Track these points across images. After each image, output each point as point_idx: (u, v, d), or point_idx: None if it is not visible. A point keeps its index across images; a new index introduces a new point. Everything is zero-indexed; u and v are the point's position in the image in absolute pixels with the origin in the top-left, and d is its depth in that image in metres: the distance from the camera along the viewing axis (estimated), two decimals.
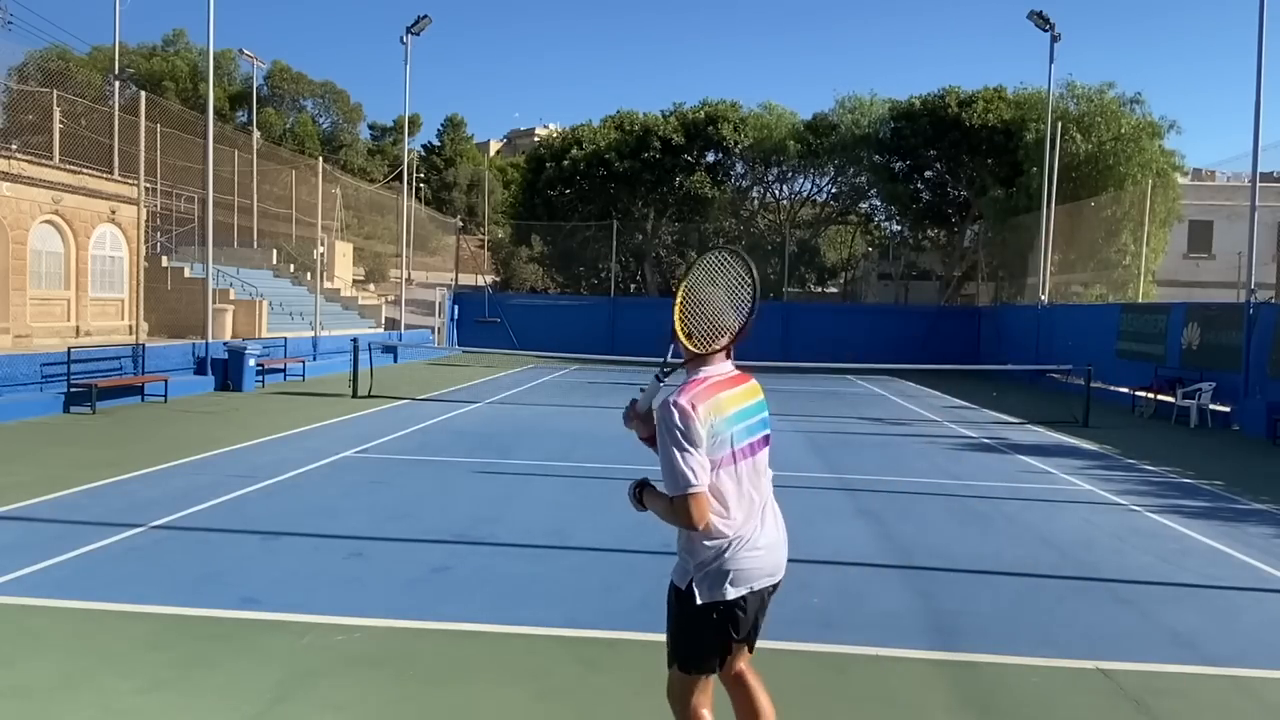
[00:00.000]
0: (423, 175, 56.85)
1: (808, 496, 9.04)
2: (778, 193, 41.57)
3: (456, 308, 32.82)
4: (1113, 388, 20.46)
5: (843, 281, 42.72)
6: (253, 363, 18.13)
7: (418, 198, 47.59)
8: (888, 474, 10.54)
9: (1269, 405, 14.80)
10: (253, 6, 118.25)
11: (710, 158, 38.66)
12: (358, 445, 11.41)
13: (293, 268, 32.38)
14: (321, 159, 33.05)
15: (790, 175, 39.96)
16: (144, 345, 17.00)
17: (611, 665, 4.68)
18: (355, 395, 16.87)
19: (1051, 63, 25.23)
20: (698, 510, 2.77)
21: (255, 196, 32.92)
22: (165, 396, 15.67)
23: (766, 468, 3.05)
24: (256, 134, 36.77)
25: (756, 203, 41.96)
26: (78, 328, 21.26)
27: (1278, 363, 15.31)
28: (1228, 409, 16.36)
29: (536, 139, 63.40)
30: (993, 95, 33.16)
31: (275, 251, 32.59)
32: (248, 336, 21.75)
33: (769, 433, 3.06)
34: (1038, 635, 5.29)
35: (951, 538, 7.58)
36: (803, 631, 5.19)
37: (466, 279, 40.12)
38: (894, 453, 12.39)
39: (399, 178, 36.52)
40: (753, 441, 2.96)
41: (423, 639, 4.96)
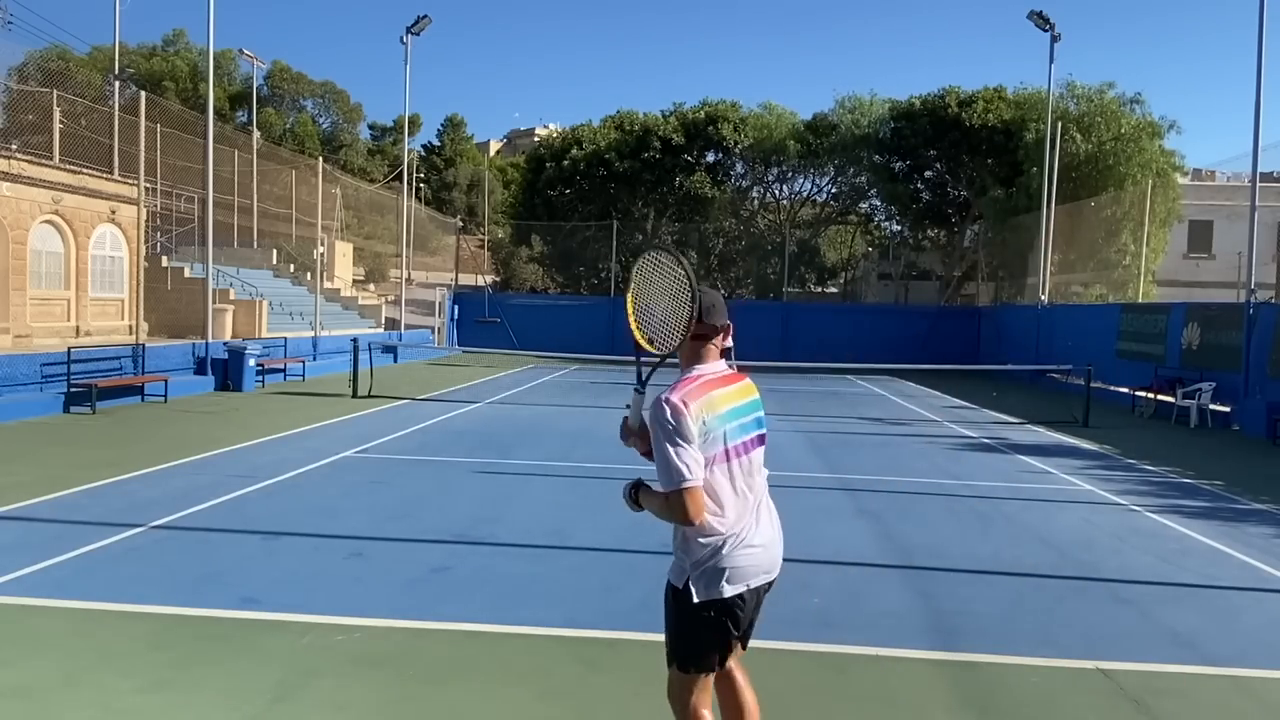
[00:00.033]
0: (423, 175, 56.86)
1: (808, 496, 9.04)
2: (778, 193, 41.62)
3: (456, 308, 32.81)
4: (1113, 388, 20.46)
5: (843, 281, 42.72)
6: (253, 363, 18.13)
7: (418, 198, 47.60)
8: (888, 474, 10.54)
9: (1269, 405, 14.80)
10: (253, 6, 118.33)
11: (710, 158, 38.67)
12: (358, 445, 11.41)
13: (293, 268, 32.38)
14: (321, 159, 33.07)
15: (790, 175, 39.98)
16: (144, 345, 17.00)
17: (611, 665, 4.68)
18: (355, 395, 16.87)
19: (1051, 63, 25.25)
20: (693, 505, 2.78)
21: (255, 196, 32.92)
22: (165, 396, 15.67)
23: (761, 466, 3.05)
24: (256, 134, 36.77)
25: (756, 203, 41.97)
26: (78, 328, 21.27)
27: (1278, 363, 15.32)
28: (1228, 409, 16.36)
29: (536, 139, 63.41)
30: (993, 95, 33.17)
31: (275, 251, 32.60)
32: (248, 336, 21.75)
33: (764, 432, 3.06)
34: (1037, 635, 5.29)
35: (951, 538, 7.58)
36: (803, 631, 5.20)
37: (466, 279, 40.12)
38: (894, 453, 12.39)
39: (399, 178, 36.53)
40: (746, 440, 2.96)
41: (423, 639, 4.96)
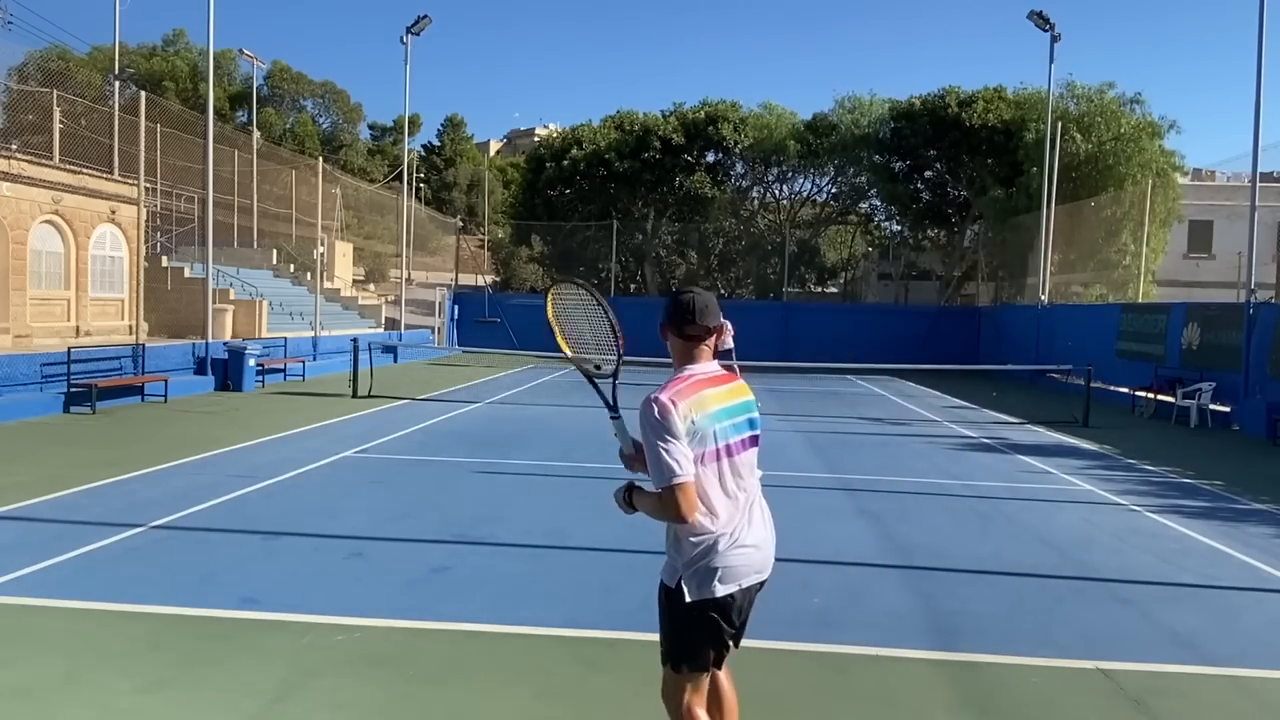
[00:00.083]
0: (423, 175, 56.85)
1: (808, 496, 9.04)
2: (778, 193, 41.60)
3: (456, 308, 32.82)
4: (1113, 388, 20.46)
5: (843, 281, 42.71)
6: (253, 363, 18.13)
7: (418, 198, 47.59)
8: (888, 474, 10.54)
9: (1269, 405, 14.80)
10: (253, 6, 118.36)
11: (710, 158, 38.64)
12: (358, 445, 11.41)
13: (293, 268, 32.38)
14: (321, 159, 33.08)
15: (790, 175, 39.96)
16: (144, 345, 17.00)
17: (611, 665, 4.68)
18: (355, 395, 16.87)
19: (1051, 63, 25.25)
20: (686, 501, 2.78)
21: (255, 196, 32.92)
22: (165, 396, 15.67)
23: (754, 467, 3.05)
24: (256, 134, 36.77)
25: (756, 203, 41.96)
26: (78, 328, 21.27)
27: (1278, 363, 15.31)
28: (1228, 409, 16.36)
29: (536, 139, 63.38)
30: (993, 95, 33.16)
31: (275, 251, 32.59)
32: (248, 336, 21.75)
33: (757, 433, 3.06)
34: (1038, 635, 5.29)
35: (951, 538, 7.58)
36: (803, 631, 5.20)
37: (466, 279, 40.12)
38: (894, 453, 12.39)
39: (399, 178, 36.54)
40: (739, 439, 2.97)
41: (423, 639, 4.97)
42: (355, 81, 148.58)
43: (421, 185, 54.82)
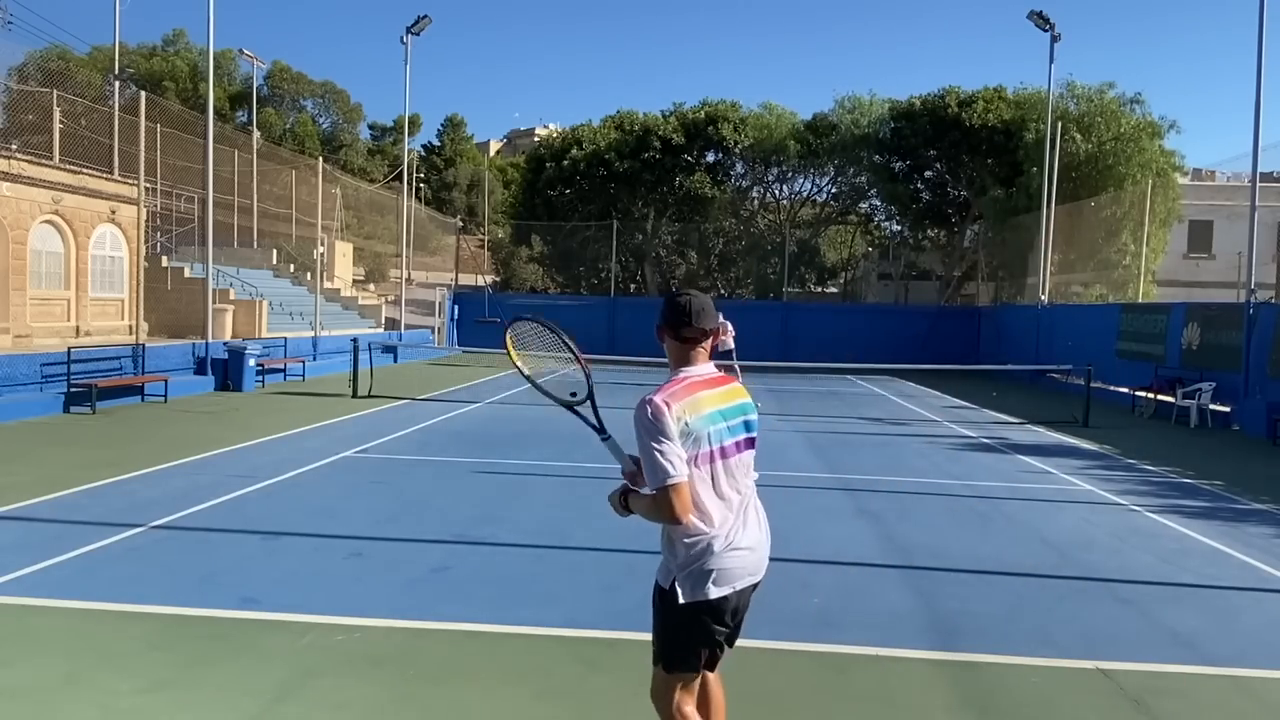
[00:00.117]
0: (423, 175, 56.85)
1: (808, 496, 9.04)
2: (778, 193, 41.61)
3: (456, 308, 32.81)
4: (1113, 388, 20.46)
5: (843, 281, 42.72)
6: (253, 363, 18.12)
7: (418, 198, 47.59)
8: (888, 474, 10.54)
9: (1269, 405, 14.80)
10: (253, 6, 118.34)
11: (710, 158, 38.65)
12: (358, 445, 11.41)
13: (293, 268, 32.38)
14: (321, 159, 33.05)
15: (790, 175, 39.96)
16: (144, 345, 17.00)
17: (611, 665, 4.68)
18: (355, 395, 16.87)
19: (1051, 63, 25.24)
20: (680, 502, 2.79)
21: (255, 196, 32.92)
22: (165, 396, 15.67)
23: (750, 469, 3.05)
24: (256, 134, 36.76)
25: (756, 203, 41.96)
26: (78, 328, 21.27)
27: (1278, 363, 15.31)
28: (1228, 409, 16.36)
29: (536, 139, 63.39)
30: (993, 95, 33.16)
31: (275, 251, 32.59)
32: (248, 336, 21.75)
33: (753, 435, 3.05)
34: (1038, 635, 5.29)
35: (951, 538, 7.58)
36: (803, 631, 5.20)
37: (466, 279, 40.13)
38: (894, 453, 12.39)
39: (399, 178, 36.53)
40: (735, 442, 2.96)
41: (423, 639, 4.97)
42: (355, 81, 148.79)
43: (421, 185, 54.82)
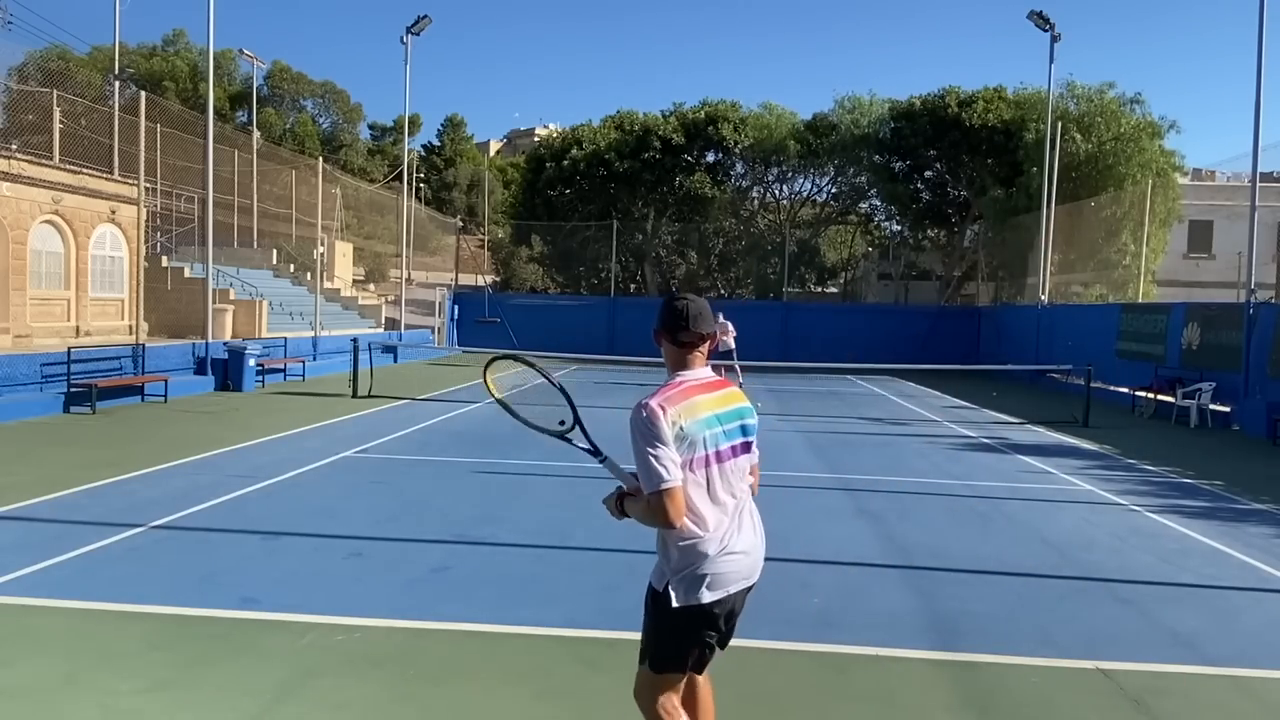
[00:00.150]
0: (423, 175, 56.84)
1: (808, 496, 9.04)
2: (778, 193, 41.63)
3: (456, 308, 32.80)
4: (1113, 388, 20.46)
5: (843, 281, 42.72)
6: (253, 363, 18.12)
7: (418, 198, 47.58)
8: (888, 474, 10.54)
9: (1269, 405, 14.80)
10: (253, 6, 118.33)
11: (710, 158, 38.66)
12: (358, 445, 11.41)
13: (293, 268, 32.38)
14: (321, 159, 33.04)
15: (790, 175, 39.98)
16: (144, 345, 17.00)
17: (611, 665, 4.67)
18: (355, 395, 16.87)
19: (1051, 63, 25.23)
20: (673, 506, 2.79)
21: (255, 196, 32.91)
22: (165, 396, 15.67)
23: (745, 473, 3.04)
24: (256, 134, 36.76)
25: (756, 203, 41.97)
26: (78, 328, 21.26)
27: (1278, 363, 15.31)
28: (1228, 409, 16.36)
29: (536, 139, 63.39)
30: (993, 95, 33.16)
31: (275, 251, 32.59)
32: (248, 336, 21.75)
33: (749, 440, 3.04)
34: (1038, 635, 5.29)
35: (951, 538, 7.58)
36: (803, 631, 5.20)
37: (466, 279, 40.11)
38: (894, 453, 12.39)
39: (399, 178, 36.53)
40: (730, 446, 2.96)
41: (423, 639, 4.97)
42: (355, 81, 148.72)
43: (421, 185, 54.82)
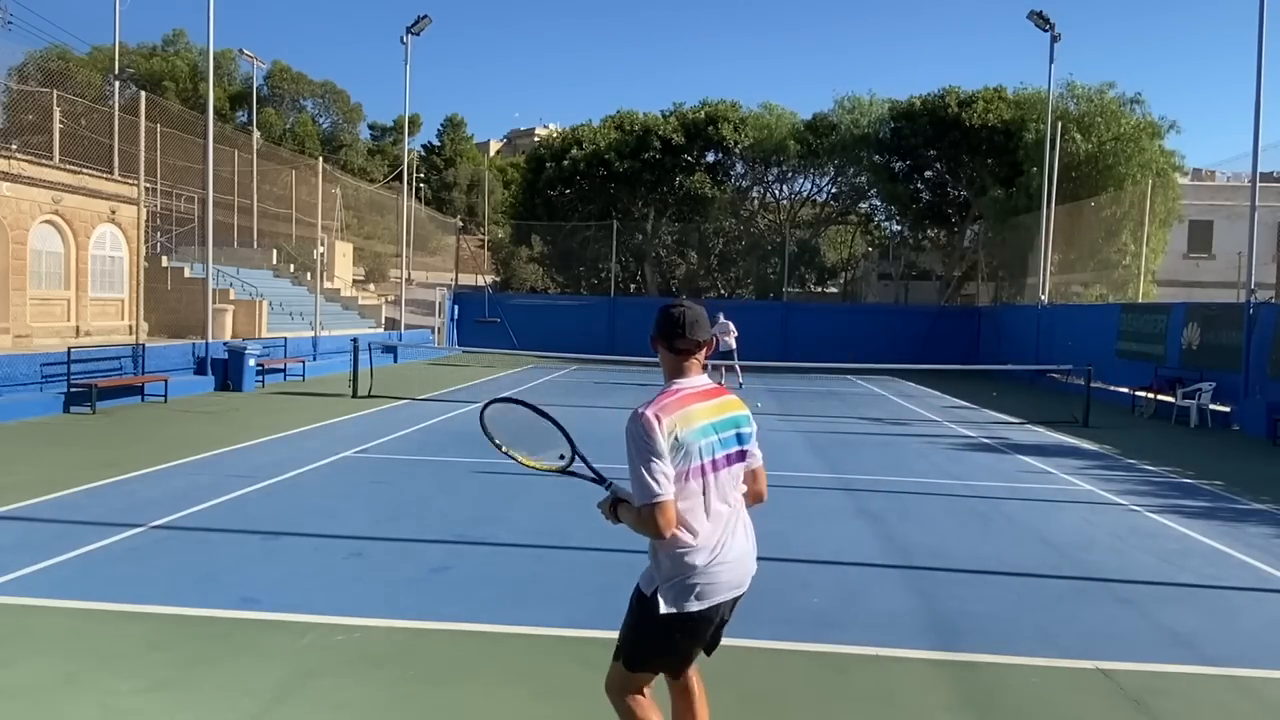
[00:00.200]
0: (423, 175, 56.82)
1: (808, 496, 9.04)
2: (778, 193, 41.63)
3: (456, 308, 32.81)
4: (1113, 388, 20.46)
5: (843, 281, 42.72)
6: (253, 363, 18.12)
7: (418, 198, 47.56)
8: (888, 474, 10.53)
9: (1269, 405, 14.80)
10: (253, 6, 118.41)
11: (710, 158, 38.67)
12: (358, 445, 11.41)
13: (293, 268, 32.37)
14: (321, 159, 33.03)
15: (790, 175, 39.98)
16: (144, 345, 17.00)
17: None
18: (355, 395, 16.87)
19: (1051, 63, 25.23)
20: (664, 519, 2.79)
21: (255, 196, 32.91)
22: (165, 396, 15.67)
23: (740, 482, 3.04)
24: (256, 134, 36.75)
25: (756, 203, 41.97)
26: (78, 328, 21.26)
27: (1278, 363, 15.31)
28: (1228, 409, 16.36)
29: (536, 139, 63.39)
30: (993, 95, 33.16)
31: (275, 251, 32.58)
32: (248, 336, 21.75)
33: (745, 448, 3.03)
34: (1038, 635, 5.29)
35: (951, 538, 7.58)
36: (803, 631, 5.20)
37: (466, 279, 40.12)
38: (894, 453, 12.39)
39: (399, 178, 36.51)
40: (725, 455, 2.95)
41: (423, 639, 4.97)
42: (355, 81, 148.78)
43: (421, 185, 54.79)
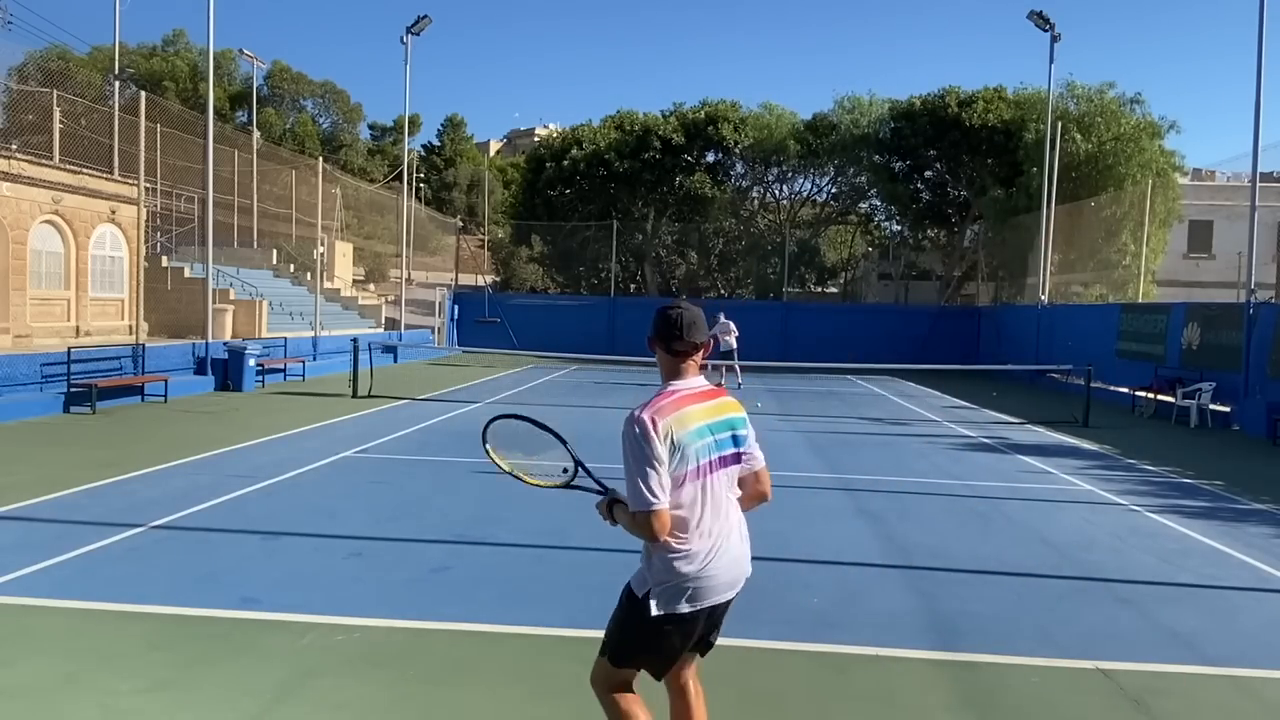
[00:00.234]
0: (423, 175, 56.80)
1: (808, 496, 9.04)
2: (778, 193, 41.64)
3: (456, 308, 32.81)
4: (1113, 388, 20.45)
5: (843, 281, 42.72)
6: (253, 363, 18.12)
7: (418, 198, 47.55)
8: (888, 474, 10.54)
9: (1269, 405, 14.80)
10: (253, 6, 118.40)
11: (710, 158, 38.67)
12: (358, 445, 11.41)
13: (293, 268, 32.37)
14: (321, 159, 33.03)
15: (790, 175, 39.99)
16: (144, 345, 17.00)
17: None
18: (355, 395, 16.87)
19: (1051, 63, 25.23)
20: (658, 524, 2.81)
21: (255, 196, 32.90)
22: (165, 396, 15.67)
23: (734, 484, 3.04)
24: (256, 134, 36.74)
25: (756, 203, 41.97)
26: (78, 328, 21.26)
27: (1278, 363, 15.31)
28: (1228, 409, 16.36)
29: (536, 139, 63.39)
30: (993, 95, 33.16)
31: (275, 251, 32.58)
32: (248, 336, 21.74)
33: (740, 450, 3.03)
34: (1038, 635, 5.29)
35: (951, 538, 7.58)
36: (803, 631, 5.20)
37: (466, 279, 40.12)
38: (894, 453, 12.39)
39: (399, 178, 36.51)
40: (720, 456, 2.96)
41: (423, 639, 4.97)
42: (355, 81, 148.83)
43: (421, 185, 54.78)
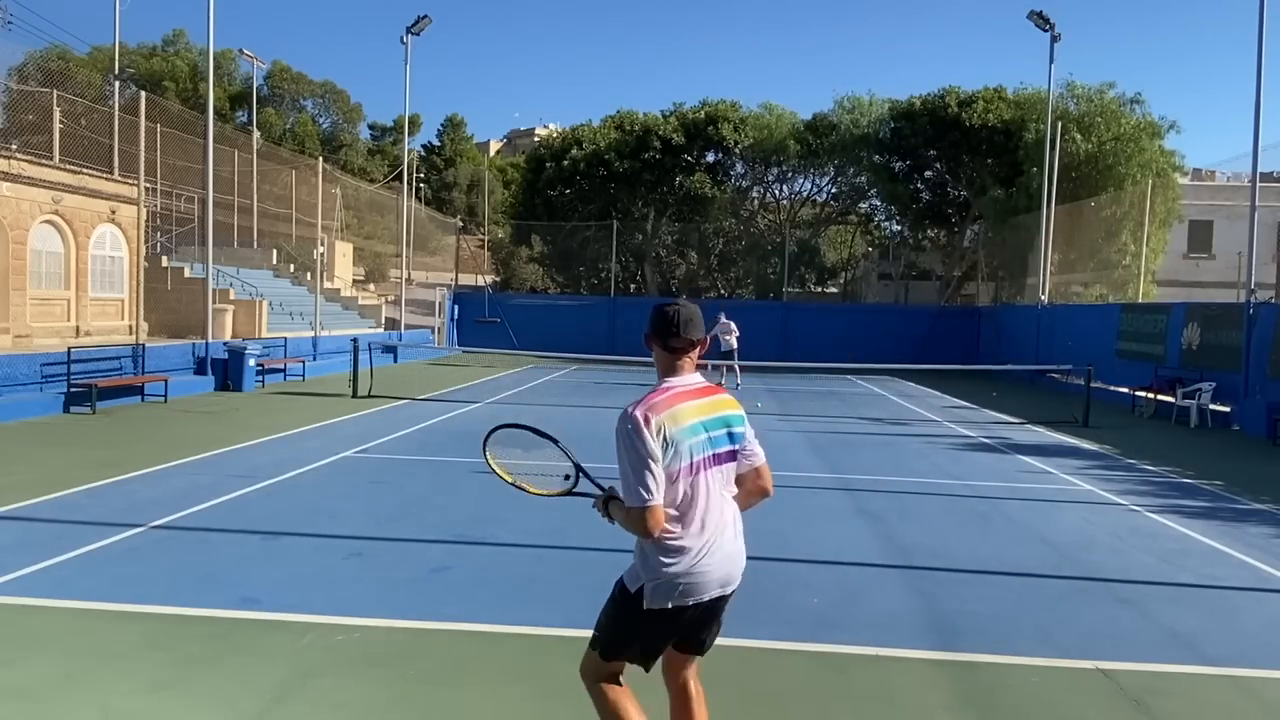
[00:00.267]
0: (423, 175, 56.80)
1: (808, 496, 9.04)
2: (778, 193, 41.65)
3: (456, 308, 32.82)
4: (1113, 388, 20.45)
5: (843, 281, 42.72)
6: (253, 363, 18.12)
7: (418, 198, 47.55)
8: (888, 474, 10.54)
9: (1269, 405, 14.80)
10: (253, 6, 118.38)
11: (710, 158, 38.68)
12: (358, 445, 11.41)
13: (293, 268, 32.37)
14: (321, 159, 33.03)
15: (790, 175, 40.00)
16: (144, 345, 17.00)
17: None
18: (355, 395, 16.87)
19: (1051, 63, 25.23)
20: (652, 520, 2.82)
21: (255, 196, 32.90)
22: (165, 396, 15.67)
23: (730, 481, 3.05)
24: (256, 134, 36.74)
25: (756, 203, 41.97)
26: (78, 328, 21.26)
27: (1278, 363, 15.31)
28: (1228, 409, 16.36)
29: (536, 139, 63.40)
30: (993, 95, 33.16)
31: (275, 251, 32.58)
32: (248, 336, 21.75)
33: (735, 447, 3.04)
34: (1038, 635, 5.29)
35: (951, 538, 7.58)
36: (803, 631, 5.20)
37: (466, 279, 40.12)
38: (894, 453, 12.39)
39: (399, 178, 36.51)
40: (715, 453, 2.96)
41: (423, 639, 4.97)
42: (355, 81, 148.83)
43: (421, 185, 54.78)
